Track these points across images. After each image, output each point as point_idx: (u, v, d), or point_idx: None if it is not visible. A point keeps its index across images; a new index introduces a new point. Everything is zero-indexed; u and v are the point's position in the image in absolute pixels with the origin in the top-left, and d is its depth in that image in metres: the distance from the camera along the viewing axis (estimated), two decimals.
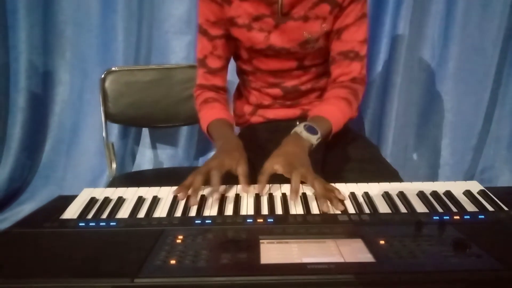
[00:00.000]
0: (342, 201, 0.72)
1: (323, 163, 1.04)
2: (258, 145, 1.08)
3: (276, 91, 1.10)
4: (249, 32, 1.00)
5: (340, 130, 0.98)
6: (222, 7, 0.99)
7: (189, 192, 0.76)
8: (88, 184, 1.68)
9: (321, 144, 0.90)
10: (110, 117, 1.46)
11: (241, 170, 0.80)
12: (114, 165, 1.49)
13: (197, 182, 0.77)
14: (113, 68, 1.44)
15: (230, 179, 0.81)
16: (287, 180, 0.78)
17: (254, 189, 0.79)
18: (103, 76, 1.43)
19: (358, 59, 1.01)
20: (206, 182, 0.78)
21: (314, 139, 0.87)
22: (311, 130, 0.87)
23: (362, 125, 1.71)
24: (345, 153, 1.04)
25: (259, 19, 0.98)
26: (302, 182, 0.76)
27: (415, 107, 1.71)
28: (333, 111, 0.96)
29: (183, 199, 0.76)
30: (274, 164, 0.80)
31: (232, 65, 1.15)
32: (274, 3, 0.95)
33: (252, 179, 0.80)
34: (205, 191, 0.79)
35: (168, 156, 1.79)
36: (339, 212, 0.69)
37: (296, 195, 0.73)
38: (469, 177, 1.78)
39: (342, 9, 0.97)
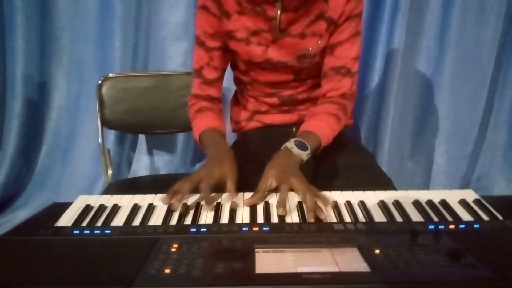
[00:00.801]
0: (328, 207, 0.73)
1: (316, 170, 1.05)
2: (254, 152, 1.08)
3: (273, 100, 1.11)
4: (247, 46, 1.00)
5: (335, 137, 0.99)
6: (220, 20, 0.99)
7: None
8: (84, 191, 1.67)
9: (310, 159, 0.91)
10: (106, 123, 1.46)
11: (229, 176, 0.81)
12: (110, 172, 1.48)
13: (184, 188, 0.77)
14: (110, 74, 1.44)
15: (224, 187, 0.81)
16: None
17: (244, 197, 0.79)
18: (100, 82, 1.42)
19: (349, 75, 1.03)
20: (194, 190, 0.78)
21: (304, 155, 0.88)
22: (301, 146, 0.88)
23: (358, 133, 1.72)
24: (340, 160, 1.04)
25: (257, 34, 0.99)
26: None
27: (411, 115, 1.72)
28: (323, 127, 0.97)
29: (166, 204, 0.76)
30: (268, 179, 0.80)
31: (229, 72, 1.15)
32: (272, 19, 0.96)
33: (242, 187, 0.81)
34: (202, 201, 0.78)
35: (164, 163, 1.78)
36: (335, 221, 0.69)
37: (283, 208, 0.72)
38: (464, 185, 1.79)
39: (337, 26, 0.99)
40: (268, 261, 0.54)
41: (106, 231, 0.66)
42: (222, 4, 0.97)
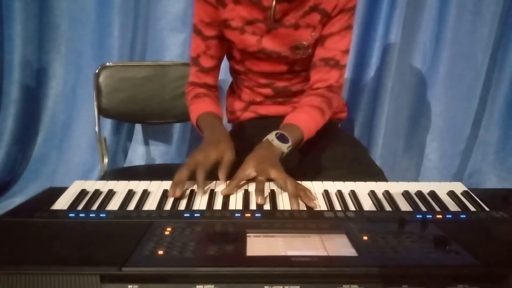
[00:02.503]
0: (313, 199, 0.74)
1: (309, 160, 1.06)
2: (249, 142, 1.09)
3: (267, 90, 1.12)
4: (242, 35, 1.02)
5: (328, 129, 1.00)
6: (216, 9, 1.00)
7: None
8: (79, 179, 1.63)
9: (292, 151, 0.92)
10: (103, 112, 1.46)
11: (225, 159, 0.83)
12: (106, 160, 1.50)
13: (182, 176, 0.78)
14: (108, 64, 1.45)
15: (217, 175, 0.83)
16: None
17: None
18: (97, 71, 1.43)
19: (337, 67, 1.03)
20: (193, 176, 0.79)
21: (285, 148, 0.89)
22: (282, 138, 0.89)
23: (352, 128, 1.73)
24: (332, 151, 1.06)
25: (252, 23, 1.00)
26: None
27: (405, 111, 1.74)
28: (306, 120, 0.97)
29: (172, 197, 0.76)
30: (246, 170, 0.81)
31: (225, 64, 1.16)
32: (267, 9, 0.97)
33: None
34: (194, 186, 0.80)
35: (160, 153, 1.79)
36: (326, 209, 0.71)
37: (261, 196, 0.74)
38: (456, 181, 1.79)
39: (330, 18, 1.00)
40: (259, 245, 0.56)
41: (101, 215, 0.68)
42: None
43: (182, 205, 0.72)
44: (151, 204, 0.73)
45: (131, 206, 0.72)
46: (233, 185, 0.78)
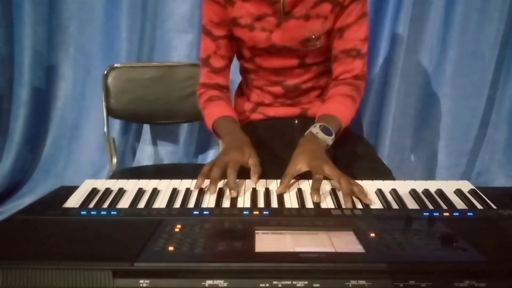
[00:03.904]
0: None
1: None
2: (257, 142, 1.10)
3: (277, 89, 1.13)
4: (251, 32, 1.02)
5: None
6: (225, 8, 1.01)
7: (207, 182, 0.78)
8: (88, 179, 1.68)
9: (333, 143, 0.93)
10: (111, 112, 1.48)
11: (252, 162, 0.83)
12: (114, 160, 1.51)
13: (214, 173, 0.78)
14: (116, 65, 1.46)
15: (247, 171, 0.84)
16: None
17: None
18: (105, 72, 1.45)
19: (360, 57, 1.04)
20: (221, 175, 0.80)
21: (329, 140, 0.90)
22: (326, 130, 0.90)
23: (360, 127, 1.73)
24: (341, 150, 1.06)
25: (261, 19, 1.01)
26: (326, 178, 0.79)
27: (412, 110, 1.74)
28: (341, 109, 0.99)
29: (200, 187, 0.78)
30: (297, 165, 0.82)
31: (234, 64, 1.17)
32: (276, 2, 0.98)
33: (243, 175, 0.83)
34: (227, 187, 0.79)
35: (168, 153, 1.81)
36: (333, 207, 0.72)
37: (317, 195, 0.74)
38: (464, 180, 1.80)
39: (343, 8, 1.00)
40: (267, 242, 0.57)
41: (112, 213, 0.69)
42: None
43: (191, 203, 0.73)
44: (161, 202, 0.74)
45: (142, 204, 0.73)
46: (287, 182, 0.79)
